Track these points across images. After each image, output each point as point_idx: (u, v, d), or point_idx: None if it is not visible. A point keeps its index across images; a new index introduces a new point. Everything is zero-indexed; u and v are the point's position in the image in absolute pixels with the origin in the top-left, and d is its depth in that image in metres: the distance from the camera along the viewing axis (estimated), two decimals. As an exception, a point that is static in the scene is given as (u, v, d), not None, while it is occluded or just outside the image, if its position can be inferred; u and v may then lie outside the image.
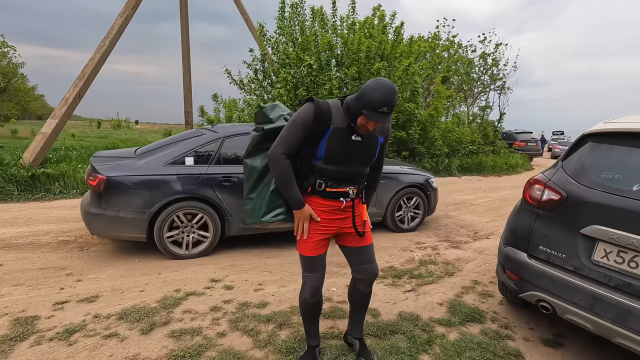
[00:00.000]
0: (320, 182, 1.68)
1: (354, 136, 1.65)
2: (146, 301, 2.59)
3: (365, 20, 9.78)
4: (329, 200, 1.71)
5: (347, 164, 1.68)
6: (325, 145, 1.61)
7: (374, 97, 1.47)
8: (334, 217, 1.75)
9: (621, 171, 1.96)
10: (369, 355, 1.97)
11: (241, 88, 10.04)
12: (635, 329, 1.68)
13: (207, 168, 3.59)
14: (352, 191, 1.71)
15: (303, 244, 1.75)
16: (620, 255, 1.79)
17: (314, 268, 1.77)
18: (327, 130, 1.60)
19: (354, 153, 1.67)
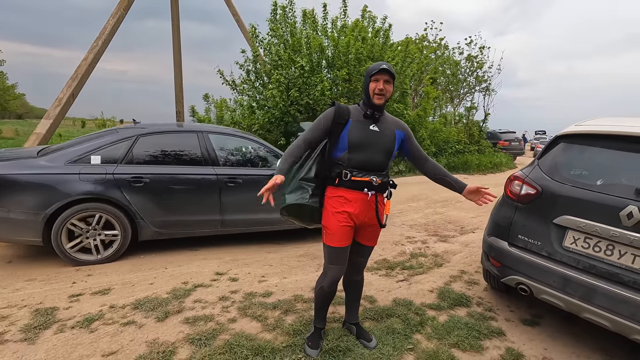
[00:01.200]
0: (346, 172, 1.86)
1: (372, 126, 1.89)
2: (157, 293, 2.75)
3: (355, 24, 10.02)
4: (355, 191, 1.88)
5: (369, 152, 1.86)
6: (347, 134, 1.85)
7: (372, 66, 1.86)
8: (360, 210, 1.90)
9: (588, 168, 2.23)
10: (367, 335, 2.20)
11: (233, 89, 10.15)
12: (599, 305, 1.94)
13: (116, 167, 3.38)
14: (376, 180, 1.87)
15: (330, 236, 1.89)
16: (587, 241, 2.05)
17: (337, 260, 1.93)
18: (347, 123, 1.87)
19: (374, 141, 1.88)
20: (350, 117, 1.88)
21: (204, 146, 3.80)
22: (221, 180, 3.73)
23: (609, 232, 1.94)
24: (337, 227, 1.88)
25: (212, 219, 3.75)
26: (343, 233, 1.89)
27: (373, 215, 1.93)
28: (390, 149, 1.93)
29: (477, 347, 2.20)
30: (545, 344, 2.30)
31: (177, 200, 3.58)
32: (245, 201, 3.83)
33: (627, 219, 1.88)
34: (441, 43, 16.26)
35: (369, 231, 1.99)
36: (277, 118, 8.99)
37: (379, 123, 1.92)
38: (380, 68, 1.80)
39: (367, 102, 1.90)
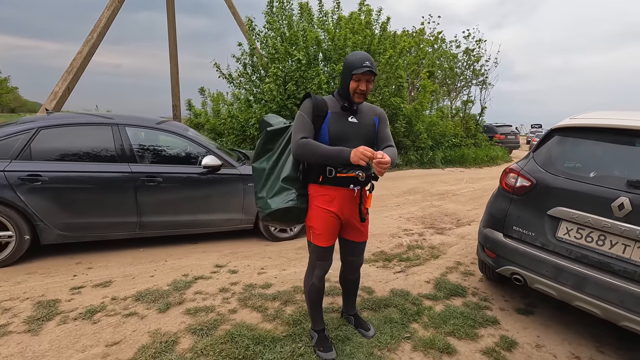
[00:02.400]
0: (330, 169, 1.79)
1: (351, 118, 1.84)
2: (158, 285, 2.79)
3: (351, 16, 9.97)
4: (341, 188, 1.82)
5: (351, 145, 1.75)
6: (327, 127, 1.78)
7: (354, 59, 1.74)
8: (345, 206, 1.87)
9: (581, 160, 2.27)
10: (365, 324, 2.25)
11: (230, 82, 10.10)
12: (590, 293, 2.00)
13: (8, 164, 3.01)
14: (361, 175, 1.77)
15: (318, 236, 1.86)
16: (579, 231, 2.11)
17: (324, 257, 1.92)
18: (326, 116, 1.79)
19: (354, 133, 1.82)
20: (328, 109, 1.80)
21: (119, 140, 3.40)
22: (138, 178, 3.38)
23: (601, 223, 2.00)
24: (324, 227, 1.84)
25: (127, 221, 3.41)
26: (330, 232, 1.87)
27: (357, 211, 1.90)
28: (371, 139, 1.89)
29: (472, 335, 2.26)
30: (539, 332, 2.37)
31: (84, 201, 3.23)
32: (167, 202, 3.53)
33: (618, 210, 1.94)
34: (438, 36, 16.22)
35: (356, 227, 1.95)
36: (274, 112, 8.98)
37: (357, 114, 1.86)
38: (364, 69, 1.70)
39: (345, 96, 1.83)
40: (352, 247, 2.03)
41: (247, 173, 3.82)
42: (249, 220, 3.97)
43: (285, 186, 1.85)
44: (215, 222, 3.84)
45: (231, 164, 3.84)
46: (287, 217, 1.88)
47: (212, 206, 3.76)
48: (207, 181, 3.69)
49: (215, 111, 11.81)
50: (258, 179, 1.98)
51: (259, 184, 1.97)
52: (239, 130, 9.77)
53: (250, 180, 3.73)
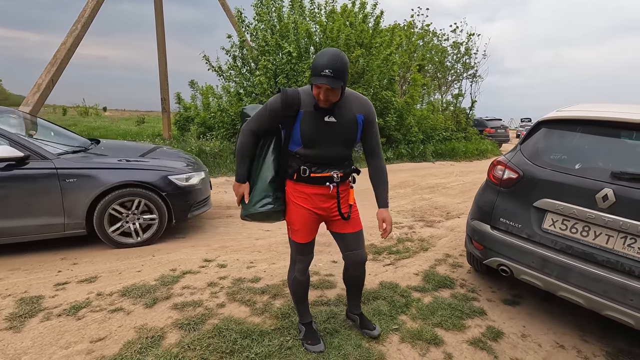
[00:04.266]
0: (304, 168, 1.71)
1: (327, 117, 1.66)
2: (145, 280, 2.75)
3: (344, 9, 9.88)
4: (316, 186, 1.74)
5: (326, 147, 1.68)
6: (299, 128, 1.65)
7: (317, 63, 1.51)
8: (322, 204, 1.78)
9: (567, 152, 2.29)
10: (370, 325, 2.14)
11: (220, 75, 9.97)
12: (574, 283, 2.03)
13: None
14: (337, 175, 1.73)
15: (295, 232, 1.82)
16: (564, 223, 2.13)
17: (304, 252, 1.89)
18: (298, 115, 1.64)
19: (330, 134, 1.67)
20: (301, 107, 1.64)
21: None
22: None
23: (586, 214, 2.02)
24: (301, 223, 1.79)
25: None
26: (308, 228, 1.81)
27: (336, 209, 1.82)
28: (351, 139, 1.74)
29: (459, 326, 2.28)
30: (524, 322, 2.40)
31: None
32: None
33: (602, 201, 1.96)
34: (428, 29, 16.21)
35: (339, 220, 1.85)
36: (264, 105, 8.90)
37: (335, 111, 1.67)
38: (321, 79, 1.49)
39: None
40: (348, 240, 1.89)
41: (66, 167, 3.18)
42: (77, 225, 3.28)
43: (262, 187, 1.76)
44: (21, 230, 3.12)
45: (42, 155, 3.13)
46: (268, 218, 1.84)
47: (14, 210, 3.05)
48: (3, 178, 2.98)
49: (204, 104, 11.68)
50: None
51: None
52: (229, 124, 9.68)
53: (71, 176, 3.18)
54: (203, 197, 4.02)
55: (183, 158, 4.26)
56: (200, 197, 3.96)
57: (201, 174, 4.02)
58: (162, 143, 8.12)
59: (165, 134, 11.12)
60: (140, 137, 10.46)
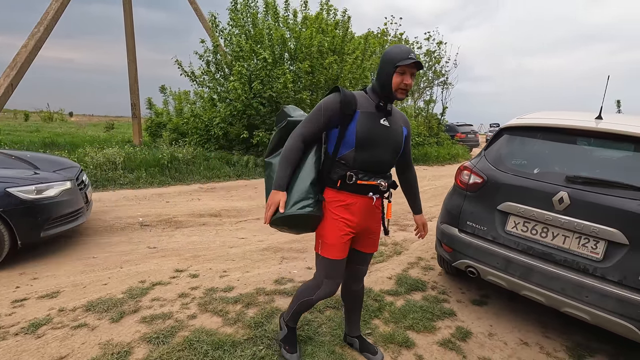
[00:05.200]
0: (350, 174, 1.60)
1: (383, 120, 1.63)
2: (111, 293, 2.65)
3: (317, 16, 9.99)
4: (360, 195, 1.64)
5: (377, 151, 1.62)
6: (355, 128, 1.57)
7: (397, 50, 1.53)
8: (364, 217, 1.68)
9: (527, 158, 2.42)
10: (372, 348, 2.02)
11: (193, 80, 9.80)
12: (536, 282, 2.13)
13: None
14: (383, 185, 1.66)
15: (329, 248, 1.65)
16: (525, 225, 2.24)
17: (334, 274, 1.70)
18: (355, 115, 1.59)
19: (384, 138, 1.63)
20: (357, 108, 1.60)
21: None
22: None
23: (544, 216, 2.13)
24: (337, 237, 1.64)
25: None
26: (343, 244, 1.66)
27: (376, 221, 1.76)
28: (399, 148, 1.70)
29: (430, 328, 2.33)
30: (491, 321, 2.49)
31: None
32: None
33: (558, 204, 2.07)
34: (401, 38, 16.65)
35: (369, 238, 1.79)
36: (239, 111, 8.82)
37: (390, 117, 1.66)
38: (410, 59, 1.50)
39: (382, 92, 1.61)
40: (361, 258, 1.85)
41: None
42: None
43: (303, 188, 1.62)
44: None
45: None
46: (300, 225, 1.67)
47: None
48: None
49: (177, 110, 11.43)
50: (270, 177, 1.74)
51: (270, 181, 1.72)
52: (203, 130, 9.52)
53: None
54: (68, 210, 3.39)
55: (34, 164, 3.62)
56: (63, 211, 3.34)
57: (65, 184, 3.41)
58: (133, 150, 7.87)
59: (136, 140, 10.78)
60: (109, 143, 10.08)
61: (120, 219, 4.54)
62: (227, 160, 8.38)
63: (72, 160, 6.49)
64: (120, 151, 7.18)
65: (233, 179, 7.72)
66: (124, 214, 4.78)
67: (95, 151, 7.10)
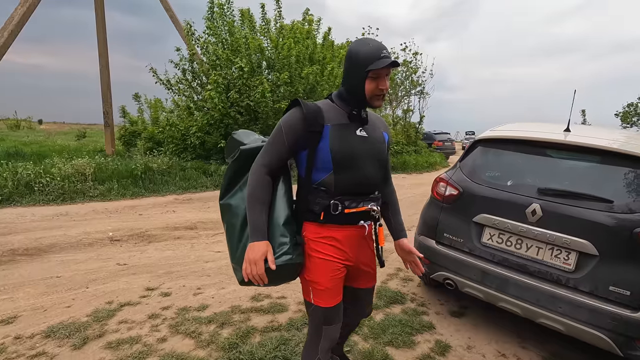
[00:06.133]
0: (335, 203, 1.31)
1: (359, 130, 1.36)
2: (75, 316, 2.48)
3: (294, 25, 10.03)
4: (349, 227, 1.37)
5: (361, 169, 1.34)
6: (329, 147, 1.29)
7: (366, 49, 1.25)
8: (356, 250, 1.42)
9: (501, 170, 2.46)
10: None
11: (168, 88, 9.59)
12: (511, 294, 2.15)
13: None
14: (375, 210, 1.39)
15: (321, 294, 1.35)
16: (500, 236, 2.26)
17: (334, 318, 1.40)
18: (324, 131, 1.30)
19: (365, 152, 1.35)
20: (325, 121, 1.31)
21: None
22: None
23: (518, 228, 2.16)
24: (331, 279, 1.35)
25: None
26: (338, 285, 1.39)
27: (370, 251, 1.49)
28: (385, 158, 1.45)
29: (409, 343, 2.30)
30: (470, 333, 2.49)
31: None
32: None
33: (531, 216, 2.11)
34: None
35: (365, 271, 1.51)
36: (216, 120, 8.68)
37: (367, 125, 1.40)
38: (384, 60, 1.23)
39: (353, 99, 1.34)
40: (361, 295, 1.56)
41: None
42: None
43: (279, 233, 1.30)
44: None
45: None
46: (278, 277, 1.32)
47: None
48: None
49: (153, 119, 11.14)
50: (232, 226, 1.38)
51: (233, 234, 1.37)
52: (179, 139, 9.30)
53: None
54: None
55: None
56: None
57: None
58: (105, 160, 7.57)
59: (108, 149, 10.40)
60: (80, 153, 9.67)
61: (88, 234, 4.32)
62: (204, 170, 8.20)
63: (37, 171, 6.17)
64: (90, 161, 6.89)
65: (210, 189, 7.55)
66: (93, 228, 4.55)
67: (64, 162, 6.78)
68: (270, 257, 1.24)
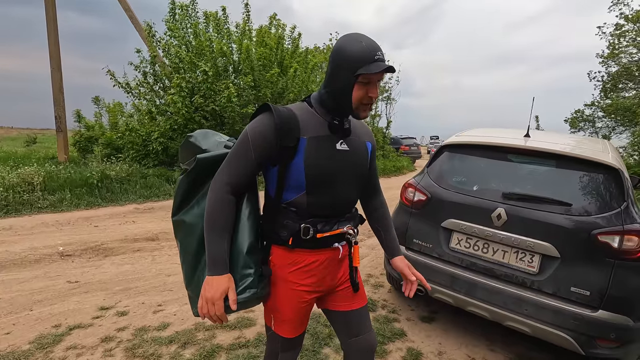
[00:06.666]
0: (306, 226, 1.13)
1: (340, 144, 1.16)
2: (15, 344, 2.22)
3: (261, 29, 9.91)
4: (321, 251, 1.19)
5: (338, 188, 1.16)
6: (303, 163, 1.09)
7: (358, 48, 1.04)
8: (328, 275, 1.24)
9: (467, 175, 2.49)
10: None
11: (128, 92, 9.11)
12: (480, 298, 2.17)
13: None
14: (352, 232, 1.22)
15: (283, 324, 1.22)
16: (468, 241, 2.28)
17: (293, 346, 1.29)
18: (300, 144, 1.09)
19: (344, 168, 1.17)
20: (301, 133, 1.10)
21: None
22: None
23: (484, 232, 2.19)
24: (294, 311, 1.21)
25: None
26: (302, 316, 1.24)
27: (344, 276, 1.30)
28: (365, 174, 1.28)
29: (381, 353, 2.26)
30: (440, 339, 2.49)
31: None
32: None
33: (497, 220, 2.14)
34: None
35: (341, 292, 1.31)
36: (180, 125, 8.35)
37: (349, 137, 1.19)
38: (379, 65, 1.04)
39: (336, 106, 1.13)
40: (352, 320, 1.32)
41: None
42: None
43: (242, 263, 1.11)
44: None
45: None
46: (243, 307, 1.13)
47: None
48: None
49: (112, 124, 10.55)
50: (187, 248, 1.18)
51: (187, 253, 1.17)
52: (140, 145, 8.85)
53: None
54: None
55: None
56: None
57: None
58: (56, 167, 7.02)
59: (61, 156, 9.69)
60: (28, 160, 8.93)
61: (35, 249, 3.95)
62: (167, 177, 7.83)
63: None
64: (39, 169, 6.35)
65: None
66: (41, 243, 4.17)
67: (8, 170, 6.21)
68: (231, 296, 1.06)
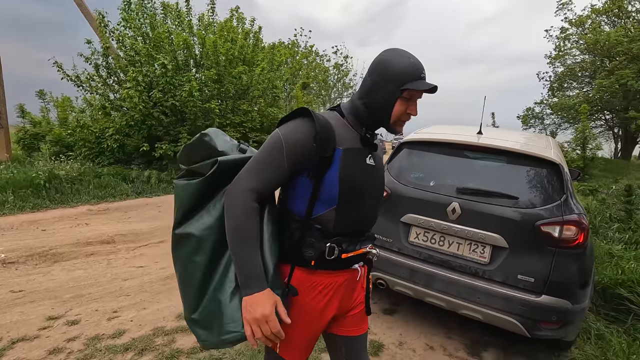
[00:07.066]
0: (332, 246, 1.05)
1: (369, 158, 1.13)
2: (-53, 363, 2.03)
3: (225, 23, 9.64)
4: (342, 272, 1.12)
5: (365, 205, 1.11)
6: (338, 176, 1.03)
7: (406, 64, 1.03)
8: (346, 298, 1.18)
9: (424, 171, 2.58)
10: None
11: (78, 85, 8.52)
12: (437, 289, 2.26)
13: None
14: (374, 252, 1.18)
15: (292, 349, 1.12)
16: (425, 235, 2.37)
17: None
18: (335, 155, 1.03)
19: (372, 185, 1.14)
20: (337, 144, 1.04)
21: None
22: None
23: (440, 226, 2.28)
24: (303, 334, 1.12)
25: None
26: (309, 341, 1.16)
27: (360, 293, 1.24)
28: (383, 189, 1.26)
29: (344, 347, 2.30)
30: (401, 330, 2.58)
31: None
32: None
33: (452, 214, 2.24)
34: (312, 50, 17.17)
35: (353, 316, 1.23)
36: (137, 121, 7.95)
37: (376, 152, 1.17)
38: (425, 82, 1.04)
39: (373, 119, 1.10)
40: (354, 344, 1.24)
41: None
42: None
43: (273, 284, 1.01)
44: None
45: None
46: None
47: None
48: None
49: (61, 119, 9.84)
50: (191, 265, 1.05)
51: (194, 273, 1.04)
52: (93, 142, 8.34)
53: None
54: None
55: None
56: None
57: None
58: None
59: (2, 155, 8.91)
60: (-37, 160, 8.12)
61: (-29, 257, 3.61)
62: (124, 176, 7.44)
63: None
64: (-24, 170, 5.81)
65: (132, 197, 6.87)
66: (-22, 250, 3.82)
67: (-62, 171, 5.62)
68: (281, 309, 0.97)
